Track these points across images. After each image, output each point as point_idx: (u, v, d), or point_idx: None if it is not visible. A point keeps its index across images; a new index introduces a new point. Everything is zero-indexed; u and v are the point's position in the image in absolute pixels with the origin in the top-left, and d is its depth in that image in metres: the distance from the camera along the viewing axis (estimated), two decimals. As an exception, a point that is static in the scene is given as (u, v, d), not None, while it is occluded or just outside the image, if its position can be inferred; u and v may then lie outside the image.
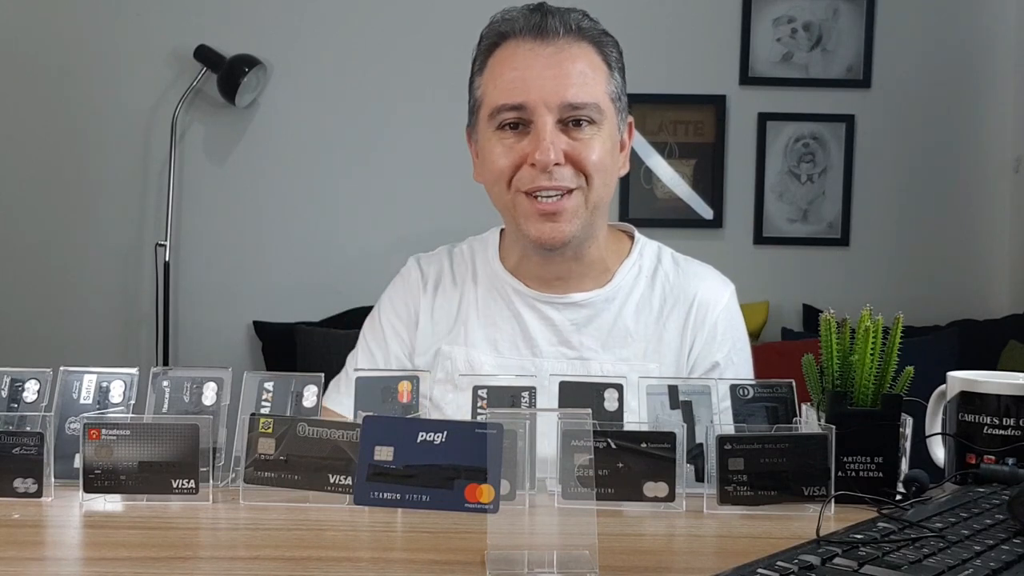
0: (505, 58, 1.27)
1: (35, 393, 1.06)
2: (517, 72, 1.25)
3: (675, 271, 1.38)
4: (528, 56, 1.25)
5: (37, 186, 3.25)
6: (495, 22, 1.30)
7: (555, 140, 1.23)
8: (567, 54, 1.25)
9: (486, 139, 1.29)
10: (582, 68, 1.25)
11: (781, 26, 3.30)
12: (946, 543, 0.72)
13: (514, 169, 1.26)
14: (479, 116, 1.31)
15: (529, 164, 1.24)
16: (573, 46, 1.25)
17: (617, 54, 1.31)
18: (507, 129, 1.26)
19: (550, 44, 1.25)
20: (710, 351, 1.34)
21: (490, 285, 1.38)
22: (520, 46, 1.26)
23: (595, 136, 1.26)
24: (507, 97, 1.24)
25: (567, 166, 1.24)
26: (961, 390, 1.05)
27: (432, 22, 3.23)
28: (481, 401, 1.06)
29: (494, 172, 1.28)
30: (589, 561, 0.74)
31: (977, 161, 3.37)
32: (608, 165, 1.28)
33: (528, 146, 1.24)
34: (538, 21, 1.26)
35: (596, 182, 1.26)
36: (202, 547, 0.86)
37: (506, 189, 1.28)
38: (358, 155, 3.28)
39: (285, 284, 3.27)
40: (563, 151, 1.23)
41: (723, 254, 3.18)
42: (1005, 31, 3.35)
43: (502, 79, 1.26)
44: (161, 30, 3.21)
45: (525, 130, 1.25)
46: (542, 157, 1.22)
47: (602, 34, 1.30)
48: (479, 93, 1.31)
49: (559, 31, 1.25)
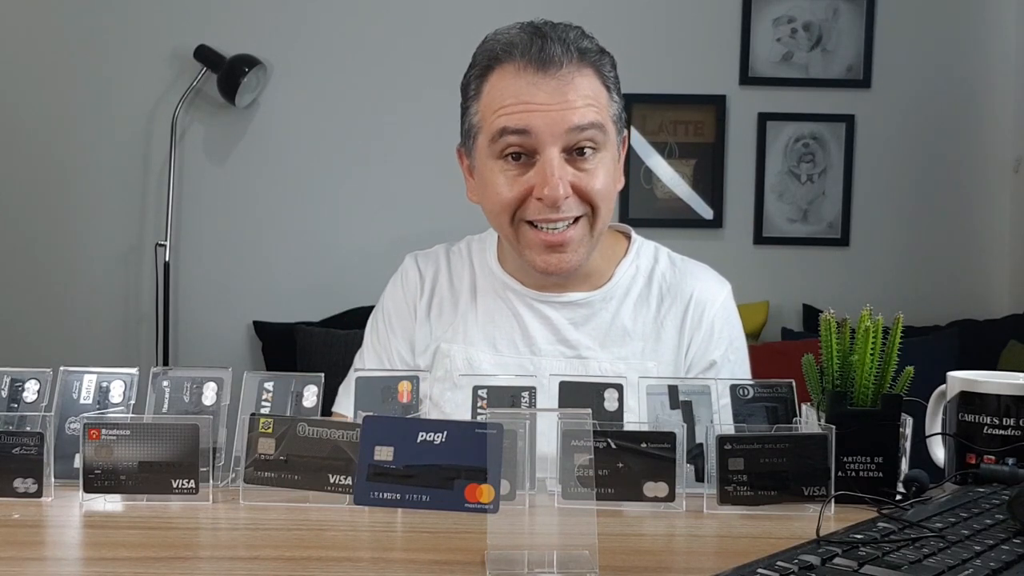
0: (504, 84, 1.22)
1: (35, 393, 1.06)
2: (518, 100, 1.21)
3: (672, 271, 1.39)
4: (530, 87, 1.21)
5: (37, 186, 3.25)
6: (489, 43, 1.26)
7: (562, 174, 1.21)
8: (570, 85, 1.21)
9: (487, 168, 1.26)
10: (585, 94, 1.22)
11: (781, 26, 3.30)
12: (946, 543, 0.72)
13: (518, 202, 1.24)
14: (477, 142, 1.27)
15: (536, 198, 1.22)
16: (575, 74, 1.21)
17: (614, 73, 1.28)
18: (509, 160, 1.23)
19: (553, 77, 1.20)
20: (707, 350, 1.34)
21: (488, 284, 1.38)
22: (520, 75, 1.21)
23: (599, 164, 1.24)
24: (509, 121, 1.21)
25: (573, 197, 1.23)
26: (961, 390, 1.05)
27: (432, 22, 3.23)
28: (481, 401, 1.06)
29: (497, 203, 1.25)
30: (589, 561, 0.74)
31: (977, 161, 3.37)
32: (611, 191, 1.27)
33: (534, 178, 1.22)
34: (539, 49, 1.20)
35: (602, 210, 1.25)
36: (202, 547, 0.86)
37: (509, 221, 1.26)
38: (358, 155, 3.28)
39: (285, 284, 3.27)
40: (569, 183, 1.22)
41: (723, 254, 3.18)
42: (1005, 31, 3.35)
43: (502, 104, 1.22)
44: (161, 30, 3.21)
45: (529, 161, 1.23)
46: (551, 193, 1.20)
47: (600, 53, 1.25)
48: (476, 119, 1.27)
49: (561, 61, 1.20)
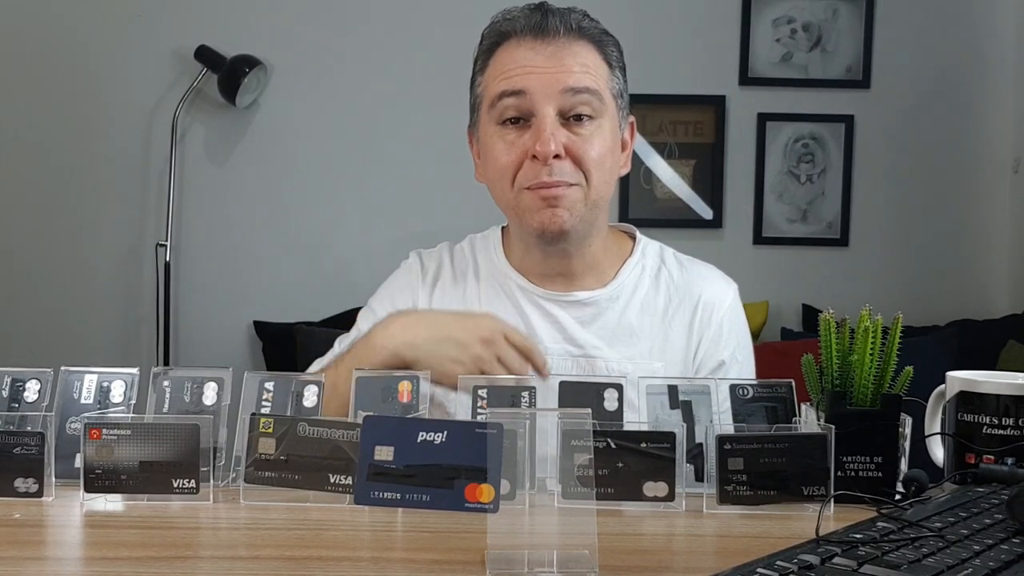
0: (506, 56, 1.28)
1: (36, 393, 1.06)
2: (517, 65, 1.25)
3: (679, 271, 1.39)
4: (529, 53, 1.26)
5: (38, 186, 3.25)
6: (496, 22, 1.31)
7: (555, 132, 1.23)
8: (568, 50, 1.25)
9: (488, 135, 1.30)
10: (583, 61, 1.26)
11: (781, 26, 3.30)
12: (945, 543, 0.72)
13: (517, 166, 1.26)
14: (480, 112, 1.32)
15: (531, 157, 1.25)
16: (573, 44, 1.26)
17: (618, 53, 1.31)
18: (508, 125, 1.27)
19: (550, 43, 1.25)
20: (716, 350, 1.35)
21: (493, 281, 1.38)
22: (521, 44, 1.27)
23: (596, 132, 1.26)
24: (507, 84, 1.25)
25: (567, 160, 1.24)
26: (960, 390, 1.05)
27: (432, 22, 3.23)
28: (481, 401, 1.06)
29: (497, 169, 1.28)
30: (589, 561, 0.74)
31: (977, 161, 3.37)
32: (608, 162, 1.28)
33: (529, 140, 1.25)
34: (539, 20, 1.26)
35: (595, 179, 1.26)
36: (202, 547, 0.86)
37: (509, 187, 1.28)
38: (358, 155, 3.28)
39: (285, 284, 3.27)
40: (563, 144, 1.24)
41: (723, 254, 3.18)
42: (1005, 31, 3.35)
43: (502, 71, 1.27)
44: (162, 30, 3.21)
45: (526, 124, 1.26)
46: (542, 148, 1.22)
47: (602, 33, 1.30)
48: (480, 90, 1.31)
49: (559, 30, 1.26)
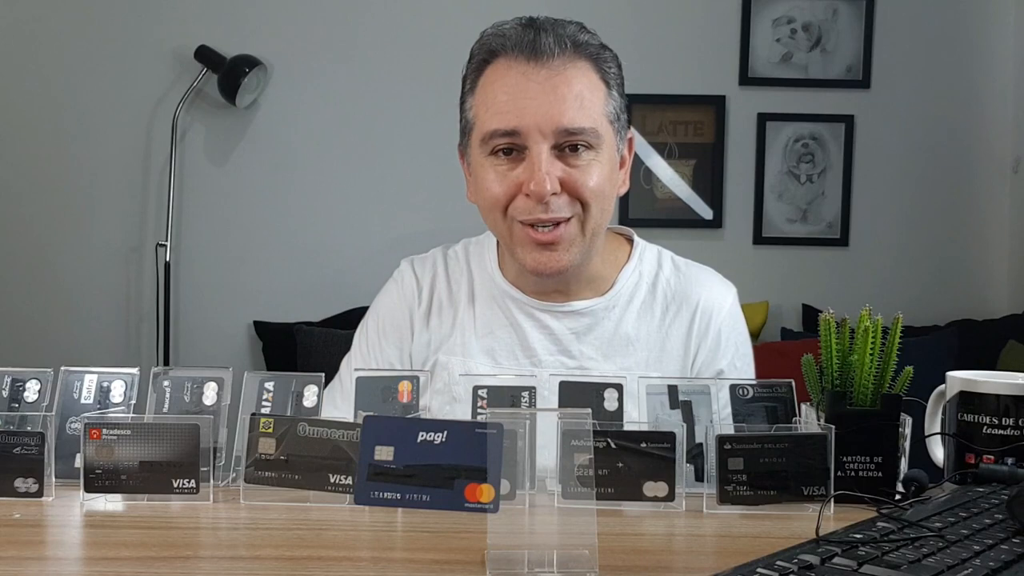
0: (496, 79, 1.20)
1: (36, 393, 1.06)
2: (509, 96, 1.18)
3: (676, 276, 1.35)
4: (521, 80, 1.18)
5: (38, 186, 3.24)
6: (485, 37, 1.23)
7: (550, 169, 1.17)
8: (562, 77, 1.18)
9: (479, 164, 1.24)
10: (579, 91, 1.18)
11: (781, 26, 3.30)
12: (945, 543, 0.72)
13: (509, 198, 1.21)
14: (471, 139, 1.25)
15: (524, 194, 1.19)
16: (569, 67, 1.18)
17: (616, 69, 1.24)
18: (500, 155, 1.21)
19: (544, 66, 1.18)
20: (714, 358, 1.32)
21: (487, 294, 1.34)
22: (512, 67, 1.19)
23: (593, 161, 1.20)
24: (499, 122, 1.18)
25: (563, 195, 1.19)
26: (960, 390, 1.05)
27: (432, 22, 3.23)
28: (481, 401, 1.06)
29: (488, 200, 1.23)
30: (589, 561, 0.74)
31: (977, 161, 3.37)
32: (606, 190, 1.22)
33: (523, 174, 1.19)
34: (531, 39, 1.18)
35: (594, 209, 1.21)
36: (202, 547, 0.86)
37: (501, 217, 1.23)
38: (358, 155, 3.28)
39: (285, 284, 3.27)
40: (559, 179, 1.18)
41: (723, 254, 3.18)
42: (1005, 31, 3.35)
43: (494, 102, 1.19)
44: (162, 31, 3.21)
45: (519, 156, 1.20)
46: (537, 188, 1.16)
47: (599, 48, 1.22)
48: (471, 115, 1.25)
49: (553, 51, 1.18)
